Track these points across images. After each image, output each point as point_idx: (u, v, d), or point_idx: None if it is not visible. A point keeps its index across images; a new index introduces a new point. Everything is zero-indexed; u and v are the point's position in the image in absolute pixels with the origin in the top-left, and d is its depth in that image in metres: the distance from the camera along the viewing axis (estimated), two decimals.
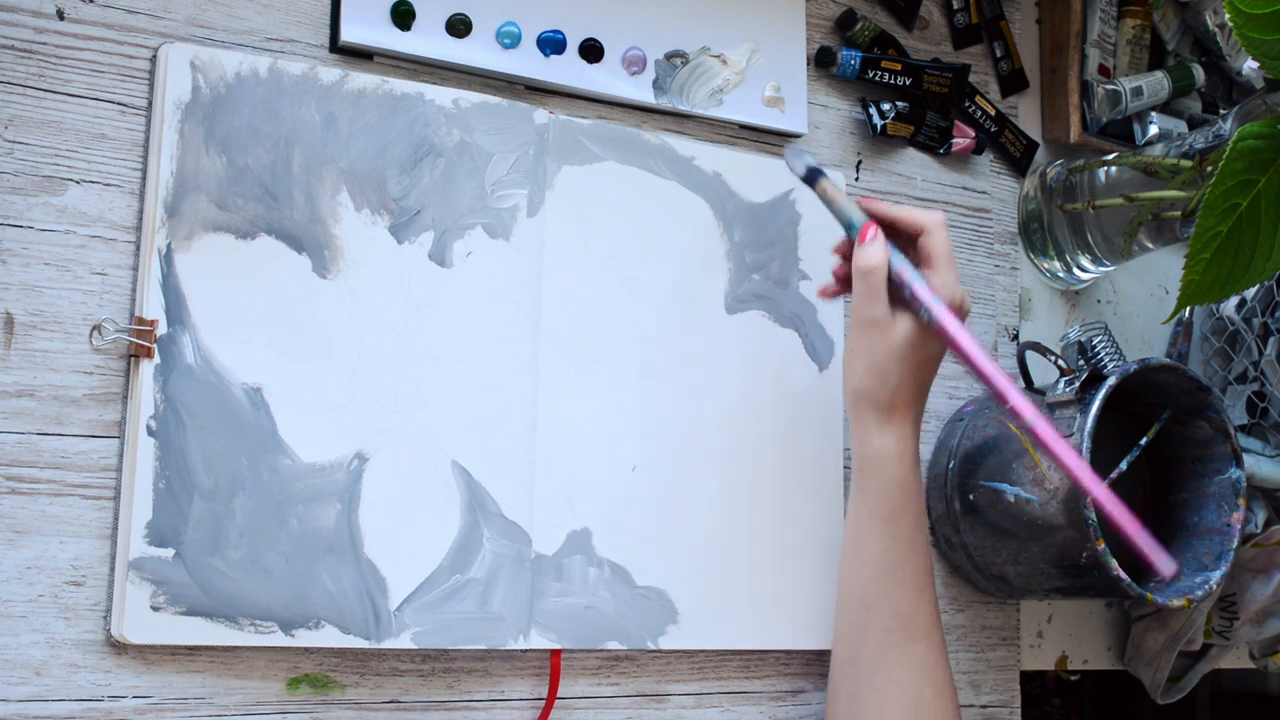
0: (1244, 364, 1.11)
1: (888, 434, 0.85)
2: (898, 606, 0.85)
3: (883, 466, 0.85)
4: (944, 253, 0.85)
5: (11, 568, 0.72)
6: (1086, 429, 0.89)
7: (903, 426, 0.85)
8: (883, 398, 0.85)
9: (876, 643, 0.85)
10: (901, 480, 0.85)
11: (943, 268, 0.85)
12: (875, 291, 0.84)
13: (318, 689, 0.79)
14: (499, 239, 0.85)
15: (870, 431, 0.86)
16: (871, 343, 0.84)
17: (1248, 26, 0.81)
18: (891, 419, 0.85)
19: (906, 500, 0.86)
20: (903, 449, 0.85)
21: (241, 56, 0.79)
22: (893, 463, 0.85)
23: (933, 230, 0.85)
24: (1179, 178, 0.98)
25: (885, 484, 0.85)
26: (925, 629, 0.85)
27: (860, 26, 1.02)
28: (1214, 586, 0.94)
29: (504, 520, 0.83)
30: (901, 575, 0.85)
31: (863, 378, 0.85)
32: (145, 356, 0.75)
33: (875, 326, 0.84)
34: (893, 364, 0.84)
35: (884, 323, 0.84)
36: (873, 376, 0.84)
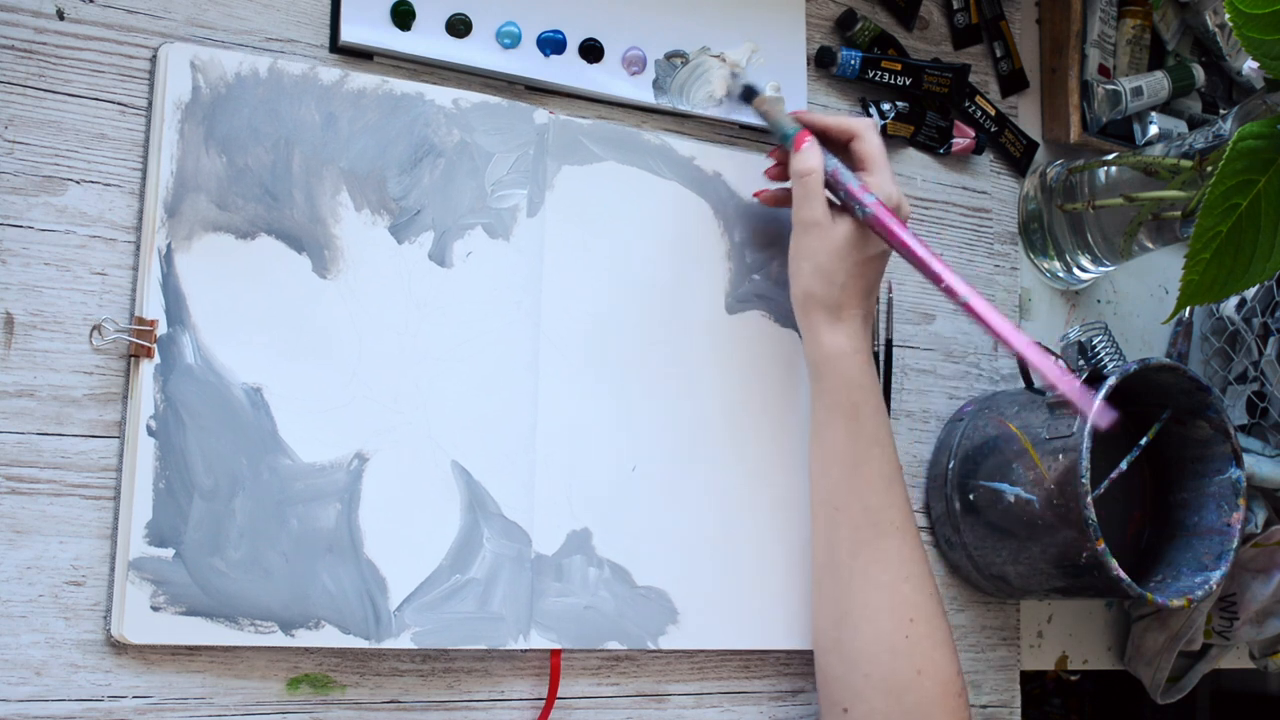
0: (1244, 364, 1.11)
1: (839, 332, 0.86)
2: (866, 503, 0.86)
3: (838, 364, 0.86)
4: (877, 155, 0.87)
5: (11, 568, 0.72)
6: (1086, 429, 0.89)
7: (852, 324, 0.87)
8: (830, 297, 0.86)
9: (849, 542, 0.86)
10: (857, 376, 0.86)
11: (877, 169, 0.87)
12: (813, 194, 0.86)
13: (318, 689, 0.79)
14: (499, 239, 0.85)
15: (822, 332, 0.87)
16: (814, 244, 0.86)
17: (1248, 26, 0.81)
18: (841, 318, 0.86)
19: (865, 396, 0.86)
20: (856, 345, 0.87)
21: (241, 56, 0.79)
22: (847, 360, 0.86)
23: (864, 134, 0.88)
24: (1179, 178, 0.98)
25: (843, 382, 0.86)
26: (897, 524, 0.86)
27: (860, 26, 1.02)
28: (1214, 586, 0.94)
29: (504, 520, 0.83)
30: (867, 471, 0.86)
31: (809, 279, 0.86)
32: (145, 356, 0.75)
33: (817, 227, 0.85)
34: (836, 264, 0.85)
35: (824, 224, 0.85)
36: (819, 278, 0.86)
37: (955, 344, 1.05)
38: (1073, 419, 0.91)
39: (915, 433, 1.01)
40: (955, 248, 1.06)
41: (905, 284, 1.03)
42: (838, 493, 0.87)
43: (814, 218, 0.85)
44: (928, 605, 0.86)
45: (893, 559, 0.86)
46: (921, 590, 0.86)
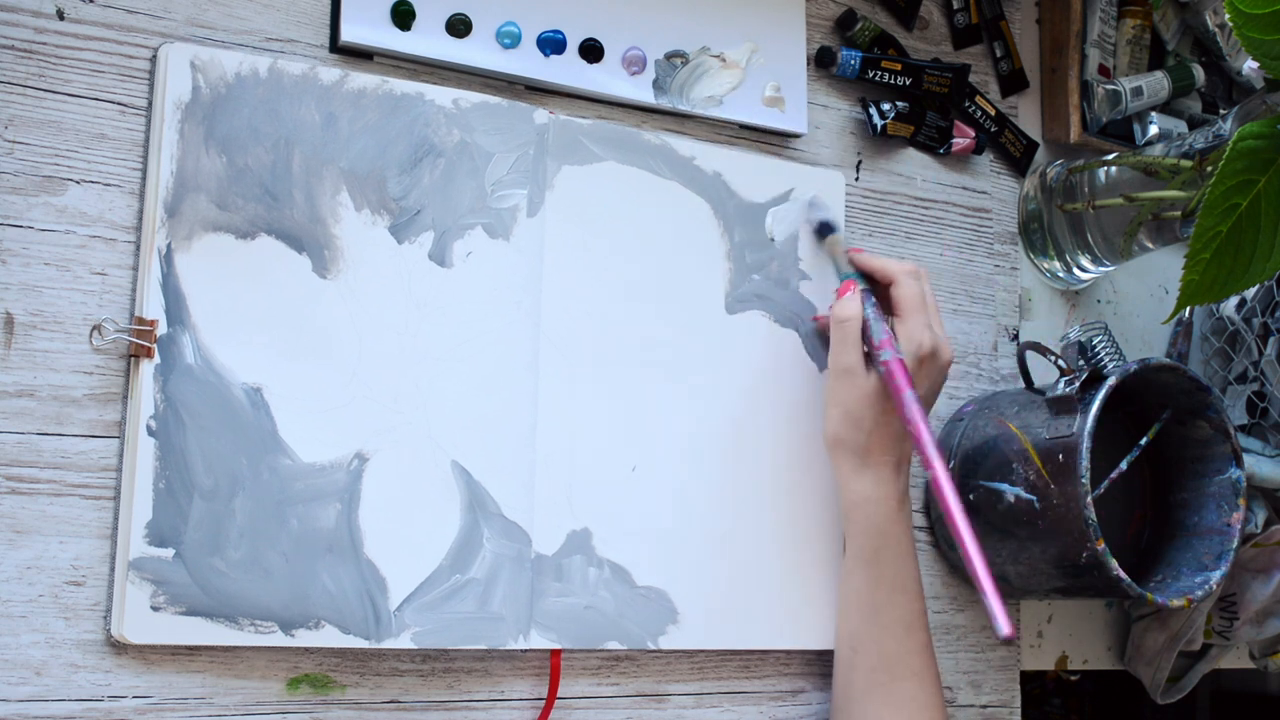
0: (1244, 364, 1.11)
1: (865, 479, 0.87)
2: (884, 648, 0.87)
3: (862, 511, 0.87)
4: (911, 302, 0.88)
5: (11, 568, 0.72)
6: (1087, 429, 0.89)
7: (880, 470, 0.87)
8: (857, 443, 0.87)
9: (864, 683, 0.87)
10: (880, 524, 0.87)
11: (909, 317, 0.87)
12: (848, 341, 0.87)
13: (318, 689, 0.79)
14: (499, 239, 0.85)
15: (848, 477, 0.88)
16: (845, 391, 0.87)
17: (1248, 26, 0.81)
18: (868, 464, 0.87)
19: (886, 543, 0.87)
20: (881, 493, 0.87)
21: (241, 56, 0.79)
22: (871, 506, 0.87)
23: (900, 279, 0.89)
24: (1179, 178, 0.98)
25: (865, 528, 0.87)
26: (914, 669, 0.87)
27: (860, 26, 1.02)
28: (1214, 586, 0.94)
29: (504, 520, 0.83)
30: (886, 618, 0.87)
31: (838, 425, 0.88)
32: (145, 356, 0.75)
33: (849, 375, 0.86)
34: (865, 411, 0.86)
35: (856, 371, 0.86)
36: (847, 424, 0.87)
37: (955, 344, 1.05)
38: (1073, 418, 0.91)
39: None
40: (955, 248, 1.06)
41: None
42: (856, 635, 0.88)
43: (846, 365, 0.86)
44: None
45: (905, 704, 0.86)
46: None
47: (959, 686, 1.01)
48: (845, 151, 1.02)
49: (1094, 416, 0.90)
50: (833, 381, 0.88)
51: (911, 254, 1.03)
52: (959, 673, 1.01)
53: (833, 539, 0.94)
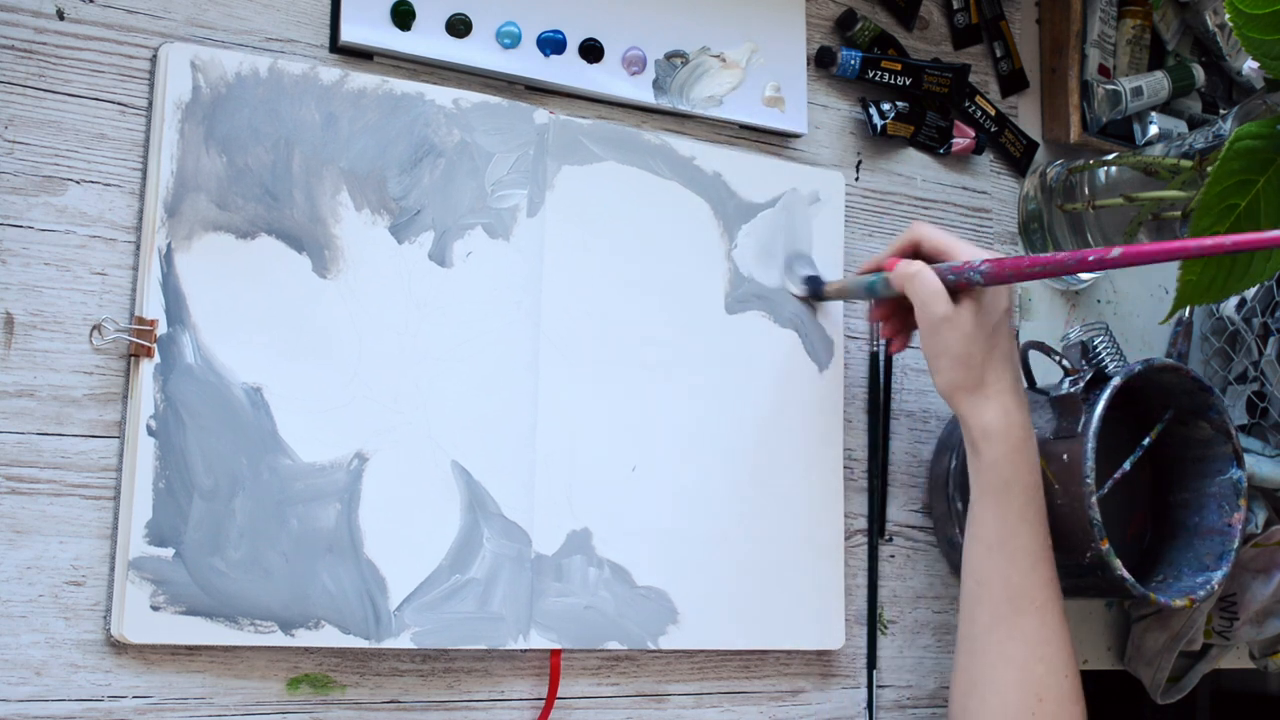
0: (1244, 364, 1.11)
1: (988, 410, 0.86)
2: (1009, 580, 0.86)
3: (987, 443, 0.86)
4: (943, 239, 0.88)
5: (11, 568, 0.72)
6: (1092, 428, 0.89)
7: (1000, 399, 0.86)
8: (973, 379, 0.86)
9: (988, 617, 0.86)
10: (1006, 455, 0.86)
11: (952, 247, 0.87)
12: (933, 290, 0.85)
13: (318, 689, 0.79)
14: (499, 239, 0.85)
15: (970, 414, 0.87)
16: (948, 338, 0.85)
17: (1248, 26, 0.81)
18: (988, 396, 0.86)
19: (1015, 474, 0.86)
20: (1006, 422, 0.86)
21: (241, 56, 0.79)
22: (997, 438, 0.86)
23: (921, 233, 0.88)
24: (1179, 178, 0.98)
25: (991, 460, 0.86)
26: (1038, 603, 0.86)
27: (860, 26, 1.02)
28: (1215, 586, 0.94)
29: (504, 520, 0.83)
30: (1011, 549, 0.86)
31: (951, 371, 0.86)
32: (145, 356, 0.75)
33: (946, 321, 0.85)
34: (970, 346, 0.85)
35: (951, 314, 0.85)
36: (959, 368, 0.86)
37: None
38: (1078, 418, 0.91)
39: (916, 433, 1.01)
40: None
41: None
42: (981, 567, 0.87)
43: (942, 313, 0.85)
44: (1060, 686, 0.85)
45: (1030, 637, 0.85)
46: (1055, 671, 0.85)
47: None
48: (845, 151, 1.02)
49: (1099, 416, 0.90)
50: (931, 335, 0.86)
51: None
52: None
53: (833, 539, 0.94)
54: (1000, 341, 0.86)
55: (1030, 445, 0.87)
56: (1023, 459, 0.86)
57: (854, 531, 0.98)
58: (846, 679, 0.96)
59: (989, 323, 0.85)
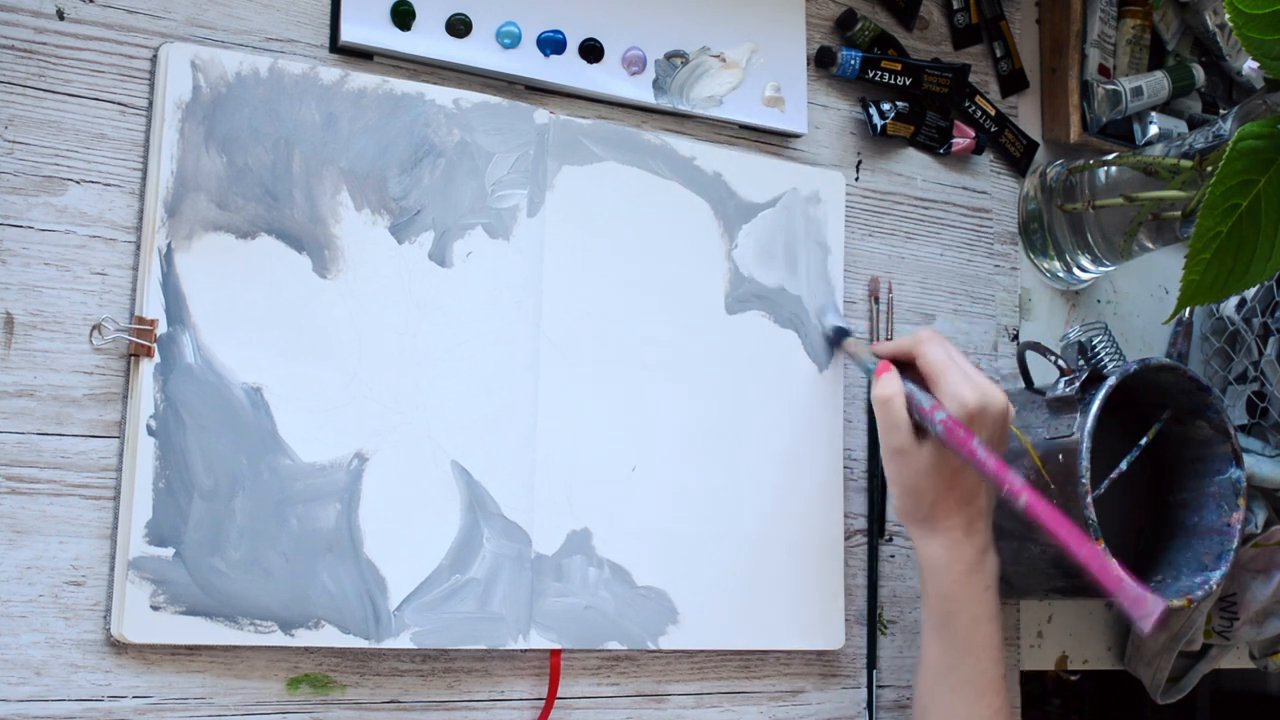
0: (1244, 364, 1.11)
1: (933, 545, 0.86)
2: (952, 710, 0.86)
3: (933, 575, 0.87)
4: (939, 365, 0.86)
5: (11, 568, 0.72)
6: (1087, 429, 0.89)
7: (948, 535, 0.86)
8: (922, 513, 0.86)
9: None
10: (950, 589, 0.86)
11: (941, 378, 0.85)
12: (896, 422, 0.85)
13: (318, 689, 0.79)
14: (499, 239, 0.85)
15: (919, 545, 0.87)
16: (902, 469, 0.86)
17: (1248, 26, 0.81)
18: (935, 531, 0.86)
19: (959, 606, 0.86)
20: (951, 557, 0.86)
21: (242, 56, 0.79)
22: (941, 571, 0.86)
23: (920, 349, 0.87)
24: (1179, 178, 0.98)
25: (936, 592, 0.87)
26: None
27: (860, 26, 1.02)
28: (1214, 586, 0.94)
29: (504, 520, 0.83)
30: (955, 680, 0.86)
31: (902, 500, 0.87)
32: (145, 356, 0.75)
33: (903, 454, 0.85)
34: (924, 483, 0.85)
35: (909, 450, 0.85)
36: (909, 498, 0.86)
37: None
38: (1073, 418, 0.91)
39: None
40: (955, 248, 1.06)
41: (905, 284, 1.03)
42: (926, 696, 0.87)
43: (898, 445, 0.85)
44: None
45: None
46: None
47: None
48: (845, 151, 1.02)
49: (1094, 416, 0.90)
50: (888, 462, 0.87)
51: (911, 254, 1.03)
52: None
53: (833, 539, 0.94)
54: (961, 482, 0.86)
55: (977, 578, 0.86)
56: (966, 591, 0.86)
57: (854, 531, 0.98)
58: (846, 679, 0.96)
59: (950, 464, 0.85)
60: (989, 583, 0.87)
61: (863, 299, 1.01)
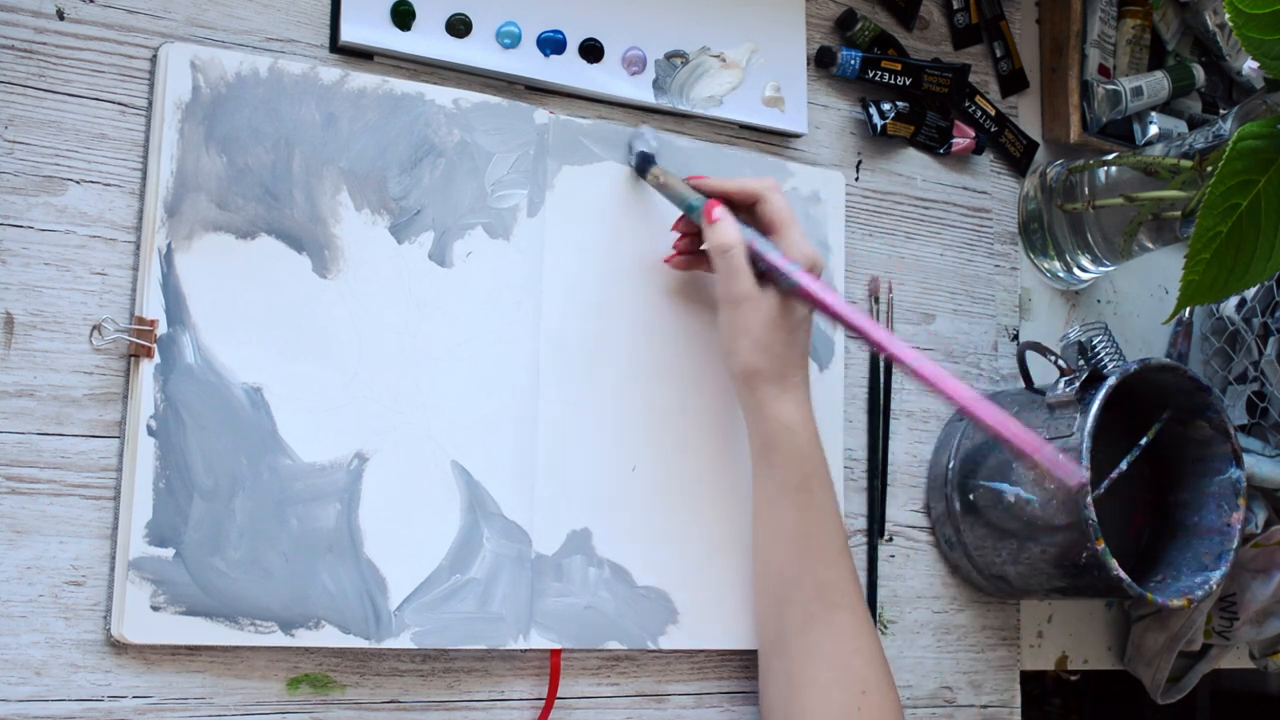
0: (1244, 364, 1.11)
1: (786, 403, 0.84)
2: (819, 577, 0.85)
3: (789, 436, 0.84)
4: (785, 215, 0.85)
5: (11, 568, 0.72)
6: (1086, 429, 0.89)
7: (798, 392, 0.85)
8: (774, 369, 0.84)
9: (801, 616, 0.85)
10: (807, 448, 0.85)
11: (788, 230, 0.84)
12: (738, 269, 0.83)
13: (318, 689, 0.79)
14: (499, 239, 0.85)
15: (769, 405, 0.84)
16: (746, 319, 0.83)
17: (1248, 26, 0.81)
18: (786, 388, 0.84)
19: (816, 467, 0.85)
20: (803, 415, 0.85)
21: (242, 56, 0.79)
22: (798, 431, 0.85)
23: (767, 195, 0.86)
24: (1179, 178, 0.98)
25: (792, 454, 0.85)
26: (848, 598, 0.85)
27: (860, 26, 1.02)
28: (1214, 586, 0.94)
29: (504, 520, 0.83)
30: (819, 544, 0.85)
31: (749, 355, 0.84)
32: (145, 356, 0.75)
33: (749, 301, 0.83)
34: (773, 334, 0.83)
35: (755, 297, 0.83)
36: (759, 352, 0.83)
37: (955, 344, 1.05)
38: (1072, 419, 0.91)
39: (915, 433, 1.01)
40: (955, 248, 1.06)
41: (905, 284, 1.03)
42: (789, 566, 0.85)
43: (743, 292, 0.83)
44: (878, 678, 0.85)
45: (844, 632, 0.84)
46: (872, 663, 0.85)
47: (959, 686, 1.01)
48: (845, 151, 1.02)
49: (1094, 417, 0.90)
50: (730, 312, 0.84)
51: (912, 254, 1.03)
52: (959, 673, 1.01)
53: None
54: (802, 338, 0.85)
55: (818, 439, 0.86)
56: (819, 454, 0.85)
57: (854, 531, 0.98)
58: None
59: (794, 317, 0.84)
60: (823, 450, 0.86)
61: (863, 299, 1.01)
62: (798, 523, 0.85)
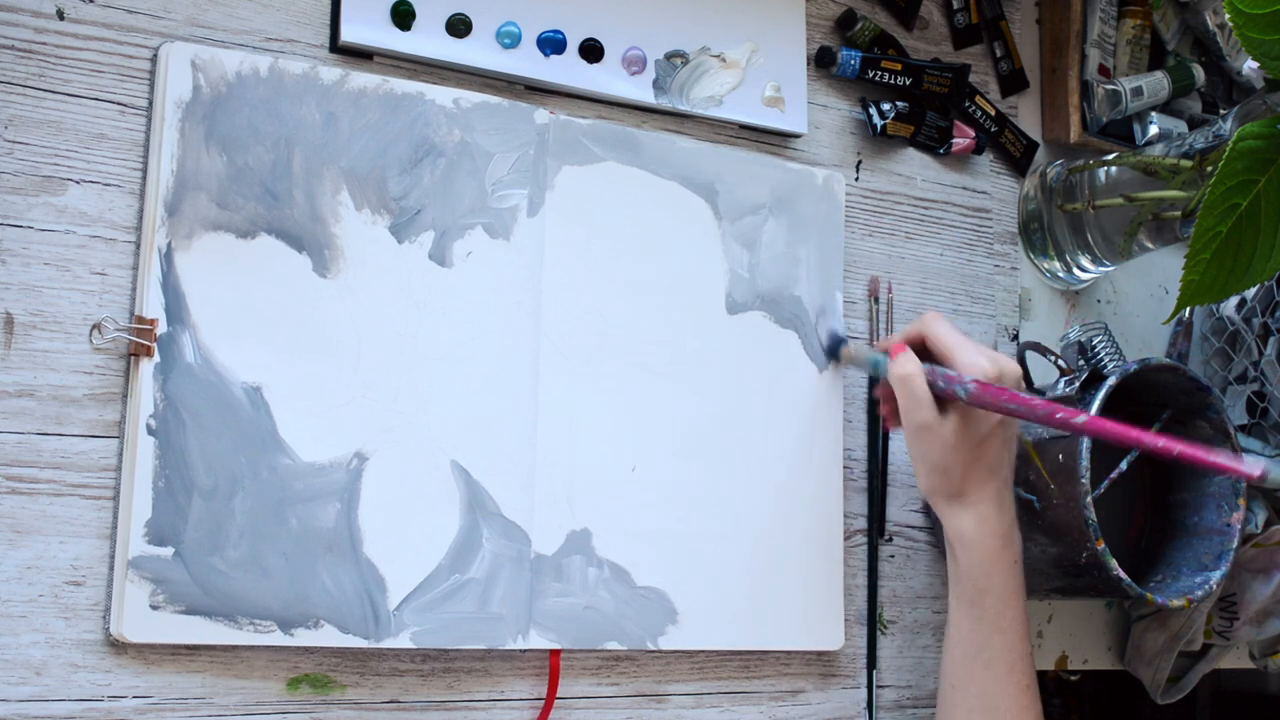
0: (1244, 364, 1.11)
1: (965, 519, 0.86)
2: (982, 687, 0.86)
3: (964, 550, 0.86)
4: (952, 339, 0.87)
5: (11, 568, 0.72)
6: None
7: (979, 508, 0.86)
8: (951, 488, 0.86)
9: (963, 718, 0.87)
10: (980, 563, 0.86)
11: (959, 351, 0.86)
12: (918, 397, 0.85)
13: (318, 689, 0.79)
14: (499, 239, 0.85)
15: (947, 520, 0.87)
16: (927, 445, 0.86)
17: (1248, 26, 0.81)
18: (965, 505, 0.86)
19: (989, 582, 0.86)
20: (982, 531, 0.86)
21: (242, 56, 0.79)
22: (972, 546, 0.86)
23: (930, 328, 0.88)
24: (1179, 178, 0.98)
25: (968, 568, 0.86)
26: (1013, 711, 0.86)
27: (860, 26, 1.02)
28: (1214, 586, 0.94)
29: (504, 520, 0.83)
30: (987, 657, 0.86)
31: (928, 477, 0.87)
32: (145, 355, 0.75)
33: (927, 429, 0.85)
34: (951, 457, 0.85)
35: (933, 424, 0.85)
36: (937, 475, 0.86)
37: None
38: None
39: None
40: (955, 248, 1.06)
41: (905, 284, 1.03)
42: (956, 673, 0.87)
43: (923, 421, 0.85)
44: None
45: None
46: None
47: None
48: (845, 151, 1.02)
49: None
50: (913, 440, 0.87)
51: (912, 254, 1.04)
52: None
53: (833, 539, 0.94)
54: (987, 453, 0.86)
55: (1008, 553, 0.86)
56: (998, 567, 0.86)
57: (854, 531, 0.98)
58: (846, 679, 0.96)
59: (975, 434, 0.85)
60: (1017, 556, 0.87)
61: (863, 299, 1.01)
62: (967, 632, 0.87)
